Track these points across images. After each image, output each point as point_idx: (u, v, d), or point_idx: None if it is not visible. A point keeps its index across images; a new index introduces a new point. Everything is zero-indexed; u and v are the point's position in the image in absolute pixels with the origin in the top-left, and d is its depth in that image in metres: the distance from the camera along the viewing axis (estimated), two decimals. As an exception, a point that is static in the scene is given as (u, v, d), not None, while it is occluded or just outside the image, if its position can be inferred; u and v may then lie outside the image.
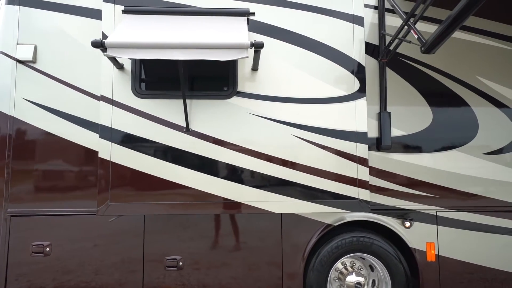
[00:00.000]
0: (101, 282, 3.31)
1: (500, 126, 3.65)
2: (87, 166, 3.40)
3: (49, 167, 3.42)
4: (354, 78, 3.32)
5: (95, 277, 3.32)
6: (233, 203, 3.19)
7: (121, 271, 3.32)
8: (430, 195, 3.54)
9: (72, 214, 3.36)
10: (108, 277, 3.31)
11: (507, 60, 3.73)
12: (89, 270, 3.33)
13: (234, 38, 2.74)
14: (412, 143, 3.58)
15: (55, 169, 3.41)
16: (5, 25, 3.52)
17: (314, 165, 3.24)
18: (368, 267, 3.65)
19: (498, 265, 3.49)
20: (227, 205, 3.21)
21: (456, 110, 3.65)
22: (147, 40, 2.69)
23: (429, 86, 3.63)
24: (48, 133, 3.42)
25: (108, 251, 3.34)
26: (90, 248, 3.34)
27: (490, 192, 3.58)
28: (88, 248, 3.34)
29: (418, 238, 3.51)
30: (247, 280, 3.37)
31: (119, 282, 3.32)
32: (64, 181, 3.42)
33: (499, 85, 3.70)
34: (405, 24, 3.14)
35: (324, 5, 3.35)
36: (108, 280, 3.31)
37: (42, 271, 3.31)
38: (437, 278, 3.49)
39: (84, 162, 3.41)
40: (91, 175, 3.39)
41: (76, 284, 3.31)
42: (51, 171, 3.41)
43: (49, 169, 3.42)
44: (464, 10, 2.47)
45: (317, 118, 3.26)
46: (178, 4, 3.30)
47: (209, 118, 3.21)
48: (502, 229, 3.54)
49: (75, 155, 3.42)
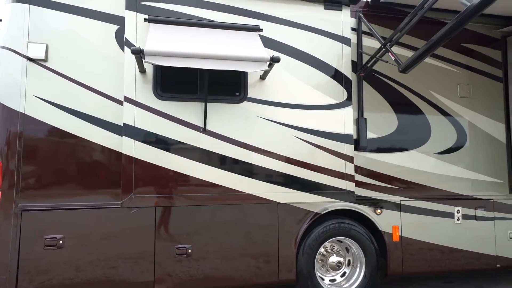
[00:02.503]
0: (114, 271, 3.52)
1: (447, 131, 4.55)
2: (96, 162, 3.58)
3: (59, 163, 3.52)
4: (343, 89, 3.97)
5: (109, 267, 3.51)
6: (243, 195, 3.64)
7: (133, 261, 3.54)
8: (395, 187, 4.31)
9: (85, 208, 3.51)
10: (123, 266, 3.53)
11: (451, 78, 4.65)
12: (102, 261, 3.50)
13: (255, 52, 3.21)
14: (382, 144, 4.32)
15: (65, 165, 3.52)
16: (15, 22, 3.56)
17: (310, 161, 3.82)
18: (344, 249, 4.30)
19: (446, 242, 4.33)
20: (238, 197, 3.64)
21: (415, 117, 4.47)
22: (180, 50, 3.04)
23: (395, 97, 4.40)
24: (58, 129, 3.53)
25: (121, 242, 3.53)
26: (102, 239, 3.51)
27: (440, 185, 4.44)
28: (100, 240, 3.51)
29: (386, 223, 4.23)
30: (249, 262, 3.78)
31: (131, 269, 3.54)
32: (73, 176, 3.53)
33: (445, 98, 4.59)
34: (383, 47, 3.86)
35: (321, 27, 3.95)
36: (121, 270, 3.52)
37: (55, 263, 3.43)
38: (401, 254, 4.25)
39: (93, 158, 3.58)
40: (101, 171, 3.59)
41: (88, 275, 3.46)
42: (61, 167, 3.51)
43: (58, 165, 3.51)
44: (439, 40, 3.21)
45: (313, 122, 3.84)
46: (195, 17, 3.66)
47: (223, 119, 3.62)
48: (448, 213, 4.42)
49: (85, 151, 3.57)
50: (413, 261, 4.25)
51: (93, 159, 3.61)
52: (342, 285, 4.16)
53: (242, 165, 3.67)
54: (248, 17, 3.80)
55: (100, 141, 3.59)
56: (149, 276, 3.57)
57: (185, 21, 3.59)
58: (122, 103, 3.58)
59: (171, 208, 3.60)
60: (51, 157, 3.52)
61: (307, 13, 3.95)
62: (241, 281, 3.74)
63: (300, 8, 3.93)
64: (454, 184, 4.47)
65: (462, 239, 4.39)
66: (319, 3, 3.97)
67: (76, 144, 3.57)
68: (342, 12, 4.02)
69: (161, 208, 3.59)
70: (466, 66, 4.68)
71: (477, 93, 4.67)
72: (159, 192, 3.47)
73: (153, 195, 3.46)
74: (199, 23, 3.61)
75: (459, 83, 4.62)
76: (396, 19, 4.24)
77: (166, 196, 3.50)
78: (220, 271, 3.71)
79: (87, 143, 3.58)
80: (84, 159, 3.58)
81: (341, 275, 4.24)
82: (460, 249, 4.37)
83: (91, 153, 3.60)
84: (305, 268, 3.94)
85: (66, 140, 3.56)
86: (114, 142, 3.60)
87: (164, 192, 3.49)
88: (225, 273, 3.71)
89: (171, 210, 3.62)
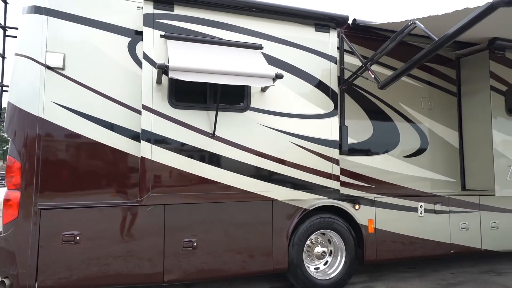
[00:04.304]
0: (127, 264, 3.84)
1: (412, 137, 5.29)
2: (108, 163, 3.88)
3: (75, 164, 3.79)
4: (330, 101, 4.57)
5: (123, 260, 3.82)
6: (245, 193, 4.11)
7: (145, 253, 3.88)
8: (371, 186, 4.97)
9: (101, 206, 3.82)
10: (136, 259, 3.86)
11: (416, 92, 5.40)
12: (117, 255, 3.80)
13: (262, 70, 3.70)
14: (360, 148, 4.97)
15: (80, 167, 3.80)
16: (34, 32, 3.79)
17: (303, 163, 4.37)
18: (327, 241, 4.91)
19: (411, 233, 5.06)
20: (240, 195, 4.10)
21: (387, 125, 5.15)
22: (200, 66, 3.46)
23: (371, 107, 5.07)
24: (74, 133, 3.81)
25: (134, 237, 3.85)
26: (117, 235, 3.82)
27: (407, 183, 5.17)
28: (114, 235, 3.81)
29: (363, 217, 4.87)
30: (248, 253, 4.23)
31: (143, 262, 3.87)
32: (88, 177, 3.82)
33: (411, 109, 5.32)
34: (364, 66, 4.50)
35: (312, 47, 4.52)
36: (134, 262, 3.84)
37: (72, 258, 3.69)
38: (375, 244, 4.91)
39: (106, 160, 3.88)
40: (112, 172, 3.90)
41: (103, 269, 3.75)
42: (77, 169, 3.79)
43: (74, 166, 3.79)
44: (416, 62, 3.87)
45: (305, 129, 4.40)
46: (203, 34, 4.09)
47: (229, 126, 4.08)
48: (413, 208, 5.15)
49: (98, 153, 3.87)
50: (385, 250, 4.93)
51: (106, 160, 3.90)
52: (326, 272, 4.75)
53: (245, 166, 4.14)
54: (251, 36, 4.29)
55: (112, 144, 3.90)
56: (159, 267, 3.92)
57: (197, 38, 4.01)
58: (132, 108, 3.95)
59: (181, 205, 3.99)
60: (67, 159, 3.78)
61: (301, 34, 4.51)
62: (240, 269, 4.20)
63: (295, 30, 4.48)
64: (418, 183, 5.22)
65: (424, 230, 5.15)
66: (310, 26, 4.55)
67: (90, 146, 3.85)
68: (330, 34, 4.63)
69: (170, 205, 3.96)
70: (428, 82, 5.46)
71: (436, 105, 5.46)
72: (173, 191, 3.86)
73: (167, 193, 3.85)
74: (209, 40, 4.04)
75: (422, 97, 5.39)
76: (373, 40, 4.95)
77: (179, 194, 3.89)
78: (222, 262, 4.12)
79: (101, 146, 3.87)
80: (98, 160, 3.87)
81: (324, 264, 4.82)
82: (423, 239, 5.12)
83: (104, 155, 3.90)
84: (295, 258, 4.46)
85: (81, 143, 3.84)
86: (125, 144, 3.92)
87: (177, 190, 3.88)
88: (226, 263, 4.13)
89: (180, 207, 4.00)
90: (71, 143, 3.82)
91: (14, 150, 3.70)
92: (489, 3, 3.13)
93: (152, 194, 3.76)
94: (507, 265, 5.95)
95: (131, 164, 3.93)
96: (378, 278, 5.23)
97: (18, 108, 3.72)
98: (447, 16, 3.79)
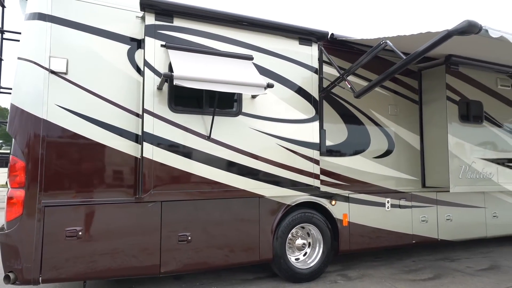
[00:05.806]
0: (127, 258, 4.12)
1: (381, 140, 5.91)
2: (108, 163, 4.13)
3: (77, 164, 4.00)
4: (312, 107, 5.06)
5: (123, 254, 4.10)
6: (238, 190, 4.50)
7: (143, 247, 4.17)
8: (345, 183, 5.51)
9: (102, 204, 4.06)
10: (135, 252, 4.14)
11: (384, 100, 6.03)
12: (117, 249, 4.07)
13: (255, 79, 4.11)
14: (336, 150, 5.51)
15: (82, 166, 4.02)
16: (37, 38, 3.95)
17: (288, 163, 4.82)
18: (306, 234, 5.40)
19: (380, 225, 5.67)
20: (233, 192, 4.48)
21: (360, 129, 5.72)
22: (201, 75, 3.82)
23: (346, 113, 5.62)
24: (76, 134, 4.02)
25: (133, 232, 4.13)
26: (117, 230, 4.09)
27: (376, 182, 5.78)
28: (114, 230, 4.08)
29: (339, 211, 5.41)
30: (237, 245, 4.63)
31: (141, 255, 4.16)
32: (90, 176, 4.04)
33: (380, 115, 5.93)
34: (341, 76, 5.03)
35: (297, 58, 4.99)
36: (133, 255, 4.12)
37: (75, 252, 3.91)
38: (348, 236, 5.47)
39: (106, 160, 4.12)
40: (112, 171, 4.15)
41: (104, 262, 3.99)
42: (79, 168, 4.00)
43: (77, 166, 4.00)
44: (389, 74, 4.44)
45: (290, 133, 4.86)
46: (200, 44, 4.44)
47: (223, 129, 4.45)
48: (381, 203, 5.76)
49: (99, 154, 4.10)
50: (357, 241, 5.50)
51: (106, 160, 4.14)
52: (306, 261, 5.24)
53: (237, 166, 4.53)
54: (243, 47, 4.68)
55: (112, 145, 4.14)
56: (156, 260, 4.22)
57: (195, 48, 4.35)
58: (131, 111, 4.22)
59: (177, 201, 4.31)
60: (70, 159, 3.98)
61: (287, 47, 4.97)
62: (231, 260, 4.59)
63: (282, 43, 4.94)
64: (386, 181, 5.85)
65: (390, 223, 5.79)
66: (295, 39, 5.02)
67: (91, 147, 4.07)
68: (312, 47, 5.13)
69: (167, 201, 4.27)
70: (394, 91, 6.11)
71: (401, 112, 6.13)
72: (172, 188, 4.18)
73: (167, 191, 4.16)
74: (206, 51, 4.39)
75: (390, 104, 6.03)
76: (349, 52, 5.51)
77: (177, 191, 4.21)
78: (214, 253, 4.48)
79: (101, 146, 4.10)
80: (98, 160, 4.11)
81: (304, 255, 5.31)
82: (389, 230, 5.75)
83: (105, 155, 4.14)
84: (279, 250, 4.92)
85: (82, 144, 4.05)
86: (124, 145, 4.18)
87: (176, 188, 4.20)
88: (218, 254, 4.51)
89: (176, 203, 4.32)
90: (73, 144, 4.02)
91: (18, 150, 3.85)
92: (446, 31, 3.76)
93: (153, 192, 4.06)
94: (459, 253, 6.78)
95: (131, 164, 4.19)
96: (351, 267, 5.81)
97: (22, 110, 3.87)
98: (414, 37, 4.40)
